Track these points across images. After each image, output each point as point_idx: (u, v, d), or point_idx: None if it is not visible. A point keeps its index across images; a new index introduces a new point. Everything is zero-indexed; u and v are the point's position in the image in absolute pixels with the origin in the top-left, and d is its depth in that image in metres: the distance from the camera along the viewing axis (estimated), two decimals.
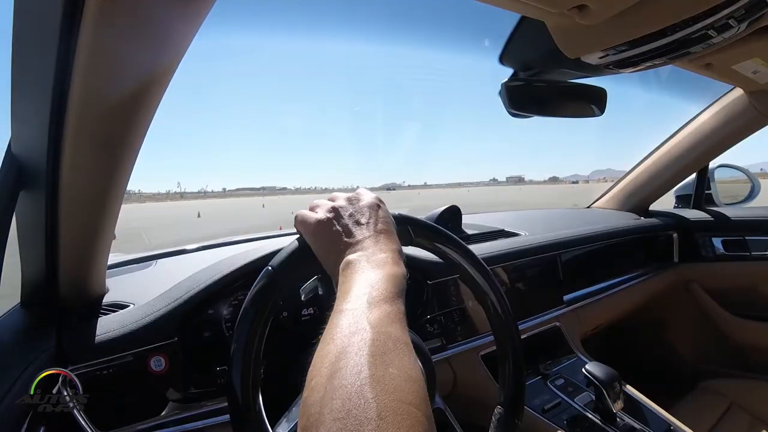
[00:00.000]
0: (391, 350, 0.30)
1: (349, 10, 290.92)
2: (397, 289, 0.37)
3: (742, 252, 1.47)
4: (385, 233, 0.43)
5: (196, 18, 0.35)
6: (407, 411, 0.25)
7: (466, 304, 0.92)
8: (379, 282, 0.36)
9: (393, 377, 0.27)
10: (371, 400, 0.25)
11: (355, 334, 0.30)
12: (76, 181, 0.48)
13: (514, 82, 0.79)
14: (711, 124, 1.36)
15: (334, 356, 0.29)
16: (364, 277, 0.37)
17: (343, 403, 0.25)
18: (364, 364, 0.28)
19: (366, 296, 0.34)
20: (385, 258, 0.40)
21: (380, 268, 0.38)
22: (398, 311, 0.35)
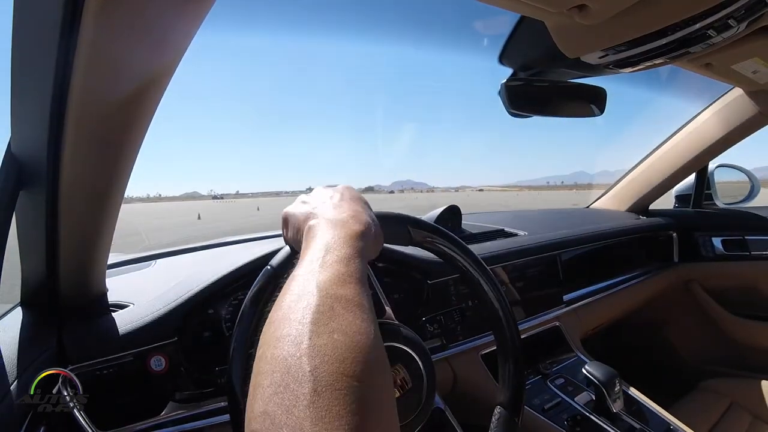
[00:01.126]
0: (339, 314, 0.28)
1: (348, 10, 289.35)
2: (355, 248, 0.34)
3: (742, 252, 1.47)
4: (349, 200, 0.42)
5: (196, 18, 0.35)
6: (347, 385, 0.23)
7: (466, 304, 0.92)
8: (335, 242, 0.34)
9: (337, 345, 0.25)
10: (308, 372, 0.23)
11: (301, 299, 0.29)
12: (76, 181, 0.48)
13: (514, 81, 0.79)
14: (711, 124, 1.36)
15: (278, 323, 0.28)
16: (320, 239, 0.35)
17: (282, 376, 0.24)
18: (305, 333, 0.26)
19: (319, 260, 0.32)
20: (345, 218, 0.38)
21: (338, 228, 0.36)
22: (354, 271, 0.32)
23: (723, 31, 0.59)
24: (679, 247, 1.58)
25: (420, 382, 0.49)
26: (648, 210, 1.69)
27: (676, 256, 1.58)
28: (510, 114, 0.80)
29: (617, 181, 1.74)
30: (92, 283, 0.66)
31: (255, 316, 0.45)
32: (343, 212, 0.39)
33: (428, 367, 0.50)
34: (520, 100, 0.79)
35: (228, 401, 0.45)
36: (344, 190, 0.44)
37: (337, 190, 0.44)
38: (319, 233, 0.36)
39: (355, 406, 0.23)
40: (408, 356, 0.48)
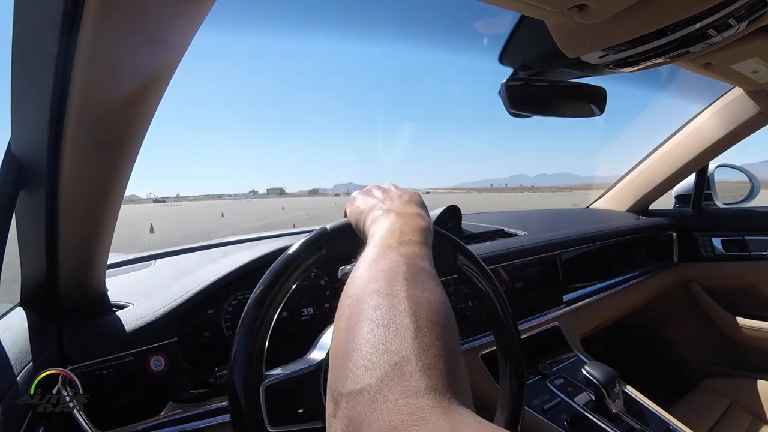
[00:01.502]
0: (424, 279, 0.32)
1: (347, 9, 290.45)
2: (423, 236, 0.39)
3: (742, 252, 1.47)
4: (417, 203, 0.47)
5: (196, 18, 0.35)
6: (440, 331, 0.27)
7: (466, 304, 0.91)
8: (407, 229, 0.39)
9: (429, 300, 0.30)
10: (410, 314, 0.27)
11: (387, 262, 0.33)
12: (76, 181, 0.48)
13: (514, 81, 0.79)
14: (711, 123, 1.36)
15: (368, 281, 0.31)
16: (392, 224, 0.40)
17: (385, 313, 0.28)
18: (401, 286, 0.30)
19: (397, 238, 0.37)
20: (413, 213, 0.44)
21: (408, 219, 0.42)
22: (426, 252, 0.37)
23: (723, 30, 0.59)
24: (679, 247, 1.59)
25: None
26: (648, 210, 1.69)
27: (676, 256, 1.58)
28: (510, 114, 0.80)
29: (617, 181, 1.74)
30: (92, 283, 0.66)
31: (257, 316, 0.45)
32: (412, 209, 0.45)
33: None
34: (520, 99, 0.79)
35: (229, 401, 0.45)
36: (413, 194, 0.50)
37: (406, 192, 0.49)
38: (392, 220, 0.42)
39: (447, 347, 0.27)
40: None
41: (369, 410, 0.23)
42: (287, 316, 0.76)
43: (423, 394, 0.23)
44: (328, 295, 0.80)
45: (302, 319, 0.77)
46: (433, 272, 0.35)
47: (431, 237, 0.42)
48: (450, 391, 0.24)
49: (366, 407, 0.23)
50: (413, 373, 0.24)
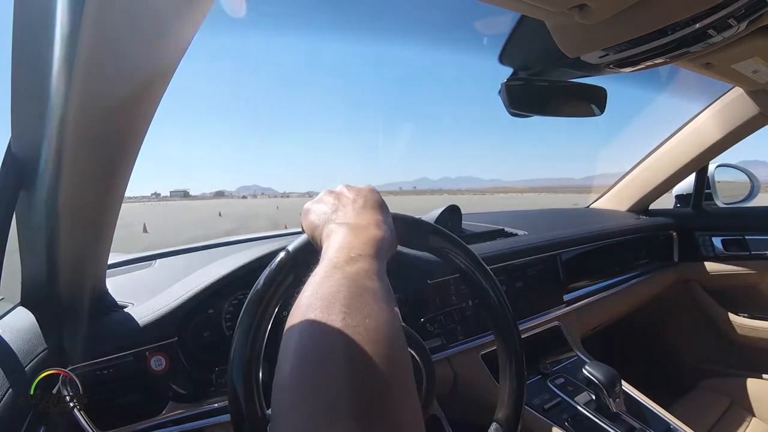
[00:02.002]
0: (368, 303, 0.29)
1: (346, 8, 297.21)
2: (375, 249, 0.37)
3: (742, 251, 1.47)
4: (372, 207, 0.44)
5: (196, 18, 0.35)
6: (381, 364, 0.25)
7: (466, 304, 0.91)
8: (358, 243, 0.37)
9: (369, 329, 0.27)
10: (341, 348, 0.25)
11: (331, 285, 0.31)
12: (76, 181, 0.48)
13: (515, 81, 0.79)
14: (711, 123, 1.36)
15: (308, 306, 0.29)
16: (344, 239, 0.38)
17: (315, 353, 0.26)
18: (338, 314, 0.27)
19: (345, 256, 0.35)
20: (367, 224, 0.40)
21: (360, 231, 0.39)
22: (376, 268, 0.34)
23: (723, 30, 0.59)
24: (679, 247, 1.59)
25: (419, 380, 0.49)
26: (648, 210, 1.69)
27: (676, 255, 1.58)
28: (510, 114, 0.80)
29: (617, 180, 1.74)
30: (92, 283, 0.66)
31: (265, 302, 0.45)
32: (365, 218, 0.42)
33: (428, 367, 0.50)
34: (521, 99, 0.79)
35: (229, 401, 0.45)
36: (368, 194, 0.46)
37: (360, 195, 0.46)
38: (342, 235, 0.39)
39: (386, 382, 0.24)
40: None
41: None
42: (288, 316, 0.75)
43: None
44: None
45: None
46: (382, 290, 0.32)
47: (386, 246, 0.40)
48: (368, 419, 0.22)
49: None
50: (344, 418, 0.22)
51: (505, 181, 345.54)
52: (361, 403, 0.23)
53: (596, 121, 1.36)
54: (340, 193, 0.47)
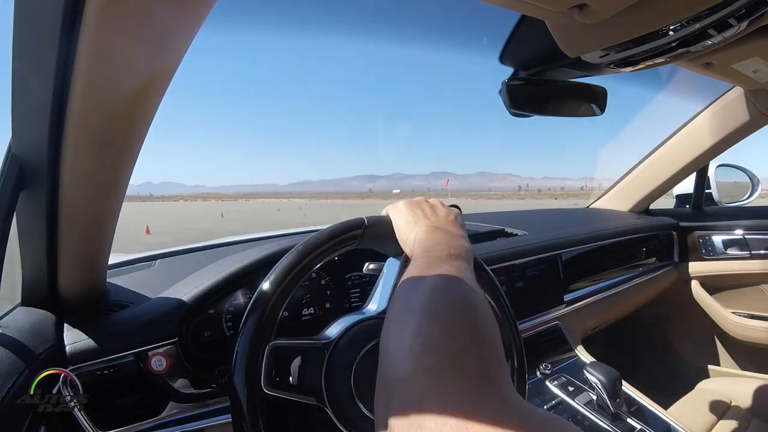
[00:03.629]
0: (473, 289, 0.34)
1: (345, 8, 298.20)
2: (467, 255, 0.43)
3: (742, 251, 1.47)
4: (461, 224, 0.52)
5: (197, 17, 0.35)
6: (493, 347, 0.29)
7: None
8: (456, 245, 0.43)
9: (482, 304, 0.32)
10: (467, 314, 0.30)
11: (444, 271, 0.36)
12: (77, 181, 0.48)
13: (515, 81, 0.79)
14: (711, 123, 1.36)
15: (425, 281, 0.34)
16: (442, 238, 0.44)
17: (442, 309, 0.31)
18: (457, 289, 0.33)
19: (446, 252, 0.40)
20: (461, 234, 0.48)
21: (456, 238, 0.46)
22: (472, 271, 0.40)
23: (723, 30, 0.59)
24: (679, 247, 1.58)
25: None
26: (648, 210, 1.69)
27: (677, 255, 1.58)
28: (511, 114, 0.80)
29: (618, 180, 1.74)
30: (93, 284, 0.66)
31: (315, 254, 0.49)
32: (458, 229, 0.49)
33: None
34: (521, 99, 0.79)
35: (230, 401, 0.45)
36: (457, 213, 0.54)
37: (452, 212, 0.53)
38: (443, 235, 0.45)
39: (496, 345, 0.29)
40: None
41: (432, 392, 0.24)
42: (288, 316, 0.76)
43: (481, 380, 0.25)
44: (329, 295, 0.80)
45: (303, 319, 0.77)
46: (477, 286, 0.36)
47: (473, 255, 0.45)
48: (502, 381, 0.26)
49: (427, 390, 0.25)
50: (472, 363, 0.26)
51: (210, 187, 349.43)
52: (483, 354, 0.27)
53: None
54: (434, 205, 0.54)
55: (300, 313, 0.77)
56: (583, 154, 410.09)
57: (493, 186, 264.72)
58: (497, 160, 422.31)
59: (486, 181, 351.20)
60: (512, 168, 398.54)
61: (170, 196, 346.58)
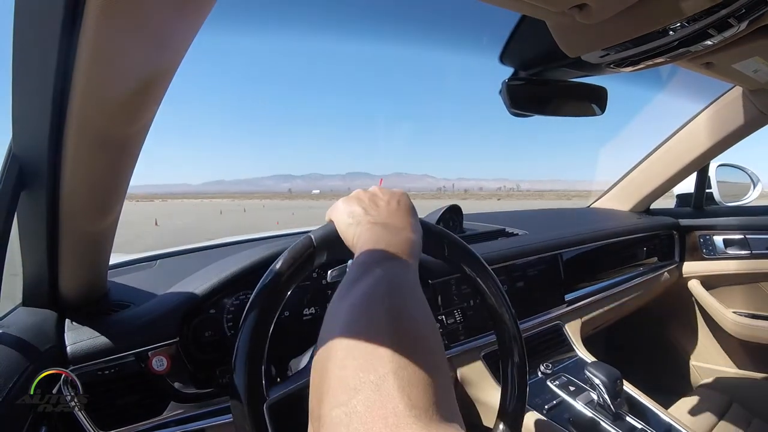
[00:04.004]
0: (406, 294, 0.31)
1: (344, 8, 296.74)
2: (410, 250, 0.39)
3: (743, 250, 1.47)
4: (405, 210, 0.46)
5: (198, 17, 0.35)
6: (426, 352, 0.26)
7: (468, 304, 0.91)
8: (395, 242, 0.39)
9: (410, 316, 0.29)
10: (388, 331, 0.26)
11: (372, 280, 0.32)
12: (78, 182, 0.48)
13: (515, 81, 0.79)
14: (711, 123, 1.36)
15: (350, 298, 0.31)
16: (380, 237, 0.40)
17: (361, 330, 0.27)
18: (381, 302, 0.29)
19: (382, 252, 0.37)
20: (403, 226, 0.43)
21: (397, 232, 0.41)
22: (413, 267, 0.38)
23: (723, 30, 0.59)
24: (680, 247, 1.58)
25: None
26: (649, 209, 1.69)
27: (677, 255, 1.58)
28: (511, 114, 0.80)
29: (618, 180, 1.74)
30: (94, 284, 0.66)
31: (280, 285, 0.46)
32: (400, 220, 0.44)
33: None
34: (522, 99, 0.79)
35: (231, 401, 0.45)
36: (401, 197, 0.48)
37: (394, 197, 0.48)
38: (379, 233, 0.41)
39: (428, 362, 0.26)
40: None
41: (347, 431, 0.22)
42: (289, 316, 0.76)
43: (403, 414, 0.22)
44: (330, 294, 0.80)
45: (304, 318, 0.77)
46: (417, 286, 0.34)
47: (419, 248, 0.42)
48: (433, 407, 0.23)
49: (344, 428, 0.22)
50: (392, 391, 0.23)
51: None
52: (406, 378, 0.24)
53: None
54: (374, 193, 0.48)
55: (301, 313, 0.77)
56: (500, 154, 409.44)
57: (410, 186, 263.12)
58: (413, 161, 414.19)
59: (403, 182, 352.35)
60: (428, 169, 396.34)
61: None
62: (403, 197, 0.48)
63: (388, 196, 0.48)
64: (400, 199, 0.48)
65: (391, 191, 0.49)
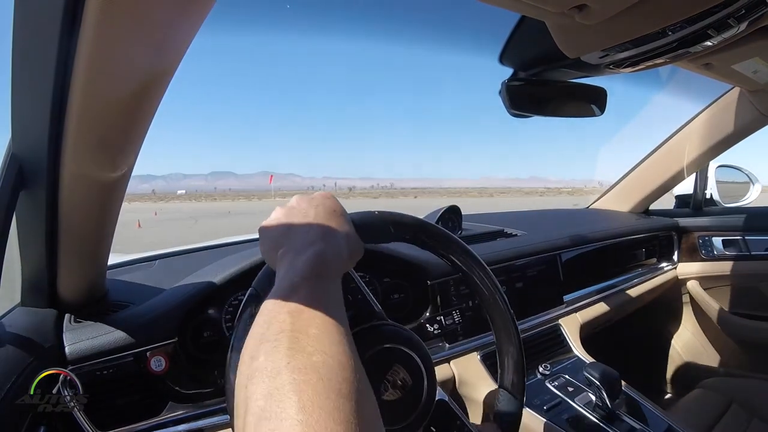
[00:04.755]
0: (314, 336, 0.28)
1: (345, 8, 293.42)
2: (320, 269, 0.34)
3: (742, 252, 1.47)
4: (325, 217, 0.41)
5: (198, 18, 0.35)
6: (335, 403, 0.23)
7: (467, 304, 0.91)
8: (302, 267, 0.34)
9: (317, 366, 0.25)
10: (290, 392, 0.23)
11: (272, 324, 0.29)
12: (76, 182, 0.48)
13: (515, 81, 0.79)
14: (711, 124, 1.36)
15: (253, 349, 0.28)
16: (288, 266, 0.35)
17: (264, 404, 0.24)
18: (282, 356, 0.26)
19: (287, 285, 0.33)
20: (313, 240, 0.37)
21: (306, 252, 0.36)
22: (322, 291, 0.33)
23: (723, 30, 0.59)
24: (679, 248, 1.59)
25: (420, 379, 0.49)
26: (648, 210, 1.69)
27: (677, 256, 1.58)
28: (511, 114, 0.80)
29: (617, 181, 1.74)
30: (93, 284, 0.66)
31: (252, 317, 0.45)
32: (313, 234, 0.38)
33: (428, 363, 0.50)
34: (521, 100, 0.80)
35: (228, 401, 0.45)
36: (321, 203, 0.43)
37: (312, 205, 0.42)
38: (288, 262, 0.36)
39: (344, 416, 0.22)
40: (406, 355, 0.48)
41: None
42: None
43: None
44: None
45: None
46: (327, 313, 0.30)
47: (335, 261, 0.37)
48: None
49: None
50: None
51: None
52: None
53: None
54: (291, 207, 0.43)
55: None
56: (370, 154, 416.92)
57: (277, 186, 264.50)
58: (280, 159, 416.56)
59: (268, 181, 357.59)
60: (294, 168, 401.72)
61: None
62: (323, 202, 0.43)
63: (306, 205, 0.42)
64: (319, 205, 0.42)
65: (310, 198, 0.44)
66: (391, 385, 0.46)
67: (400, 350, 0.48)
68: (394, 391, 0.46)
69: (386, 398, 0.45)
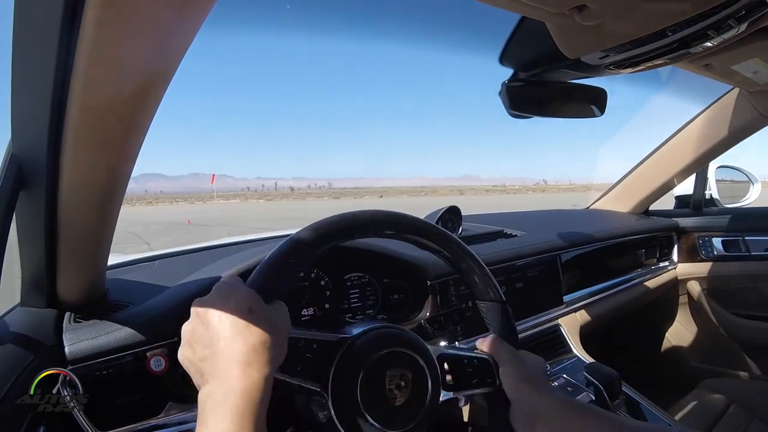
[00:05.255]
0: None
1: (345, 8, 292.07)
2: (233, 400, 0.34)
3: (742, 252, 1.47)
4: (227, 338, 0.37)
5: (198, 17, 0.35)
6: None
7: (466, 304, 0.91)
8: (220, 391, 0.35)
9: None
10: None
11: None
12: (76, 182, 0.48)
13: (515, 82, 0.79)
14: (711, 124, 1.36)
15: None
16: (207, 401, 0.35)
17: None
18: None
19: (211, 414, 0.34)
20: (226, 371, 0.36)
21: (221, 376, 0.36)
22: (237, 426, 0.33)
23: (723, 31, 0.59)
24: (679, 248, 1.59)
25: (424, 380, 0.49)
26: (648, 211, 1.69)
27: (676, 256, 1.58)
28: (510, 115, 0.80)
29: (617, 181, 1.74)
30: (93, 284, 0.66)
31: None
32: (222, 363, 0.36)
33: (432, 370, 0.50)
34: (521, 100, 0.79)
35: None
36: (219, 322, 0.38)
37: (211, 326, 0.38)
38: (205, 397, 0.36)
39: None
40: (408, 357, 0.49)
41: None
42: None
43: None
44: (328, 295, 0.80)
45: (302, 319, 0.77)
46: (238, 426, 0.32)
47: (247, 385, 0.35)
48: None
49: None
50: None
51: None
52: None
53: None
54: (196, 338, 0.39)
55: (300, 314, 0.77)
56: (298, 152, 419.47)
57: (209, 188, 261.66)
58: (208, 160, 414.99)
59: (199, 182, 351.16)
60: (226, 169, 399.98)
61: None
62: (220, 321, 0.38)
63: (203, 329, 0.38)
64: (218, 326, 0.37)
65: (208, 315, 0.38)
66: (396, 389, 0.46)
67: (401, 352, 0.48)
68: (400, 394, 0.46)
69: (396, 404, 0.46)
